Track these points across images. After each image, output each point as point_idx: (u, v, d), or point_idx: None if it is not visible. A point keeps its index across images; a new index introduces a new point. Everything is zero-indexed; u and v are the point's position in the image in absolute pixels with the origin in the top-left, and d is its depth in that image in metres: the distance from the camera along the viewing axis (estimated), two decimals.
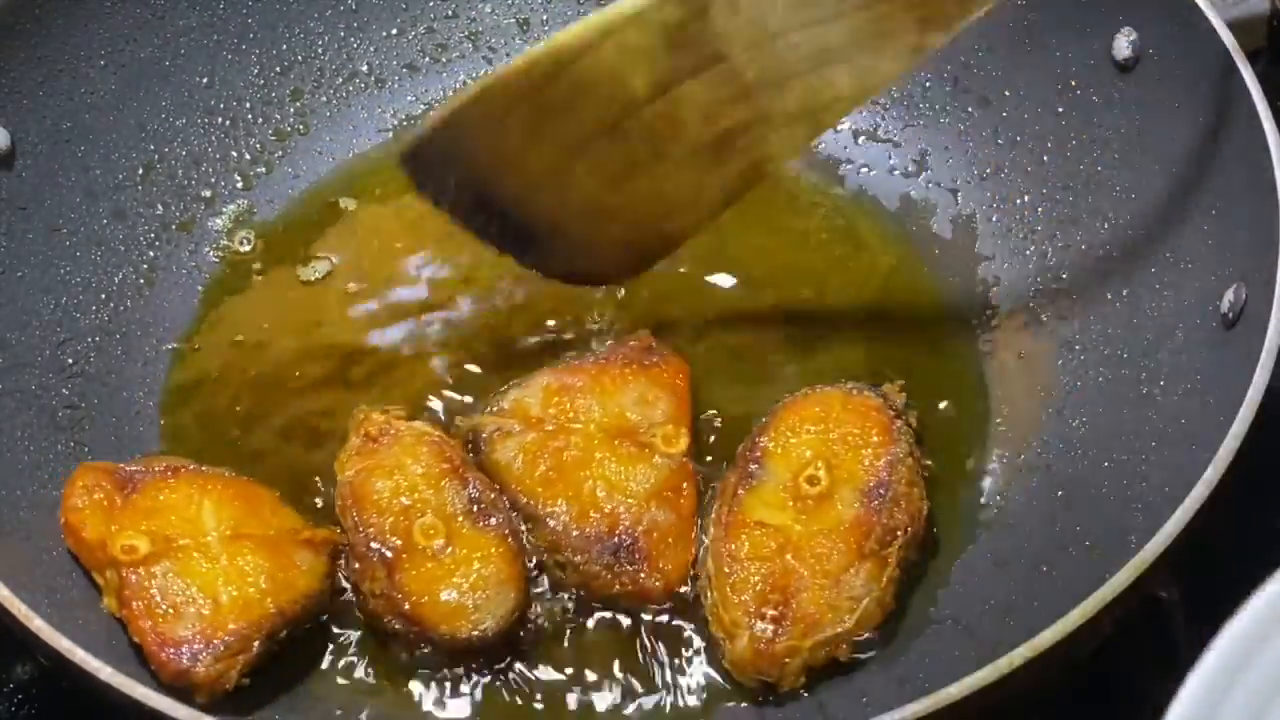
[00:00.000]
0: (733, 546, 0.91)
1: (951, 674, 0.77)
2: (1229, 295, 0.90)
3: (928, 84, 1.14)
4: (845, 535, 0.91)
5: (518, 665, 0.92)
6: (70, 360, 1.03)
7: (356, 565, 0.93)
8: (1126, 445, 0.94)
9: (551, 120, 0.93)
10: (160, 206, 1.12)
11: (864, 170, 1.15)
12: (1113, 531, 0.89)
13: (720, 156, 0.94)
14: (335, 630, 0.94)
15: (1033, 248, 1.08)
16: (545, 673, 0.92)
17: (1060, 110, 1.07)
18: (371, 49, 1.20)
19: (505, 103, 0.92)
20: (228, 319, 1.09)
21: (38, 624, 0.79)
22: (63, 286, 1.05)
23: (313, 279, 1.11)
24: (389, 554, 0.91)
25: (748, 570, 0.90)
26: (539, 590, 0.94)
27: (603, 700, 0.92)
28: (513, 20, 1.22)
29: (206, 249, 1.12)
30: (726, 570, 0.91)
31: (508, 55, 1.21)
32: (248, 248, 1.12)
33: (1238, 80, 0.93)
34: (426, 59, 1.21)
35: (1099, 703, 0.92)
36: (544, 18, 1.22)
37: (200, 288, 1.10)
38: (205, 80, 1.15)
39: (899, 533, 0.91)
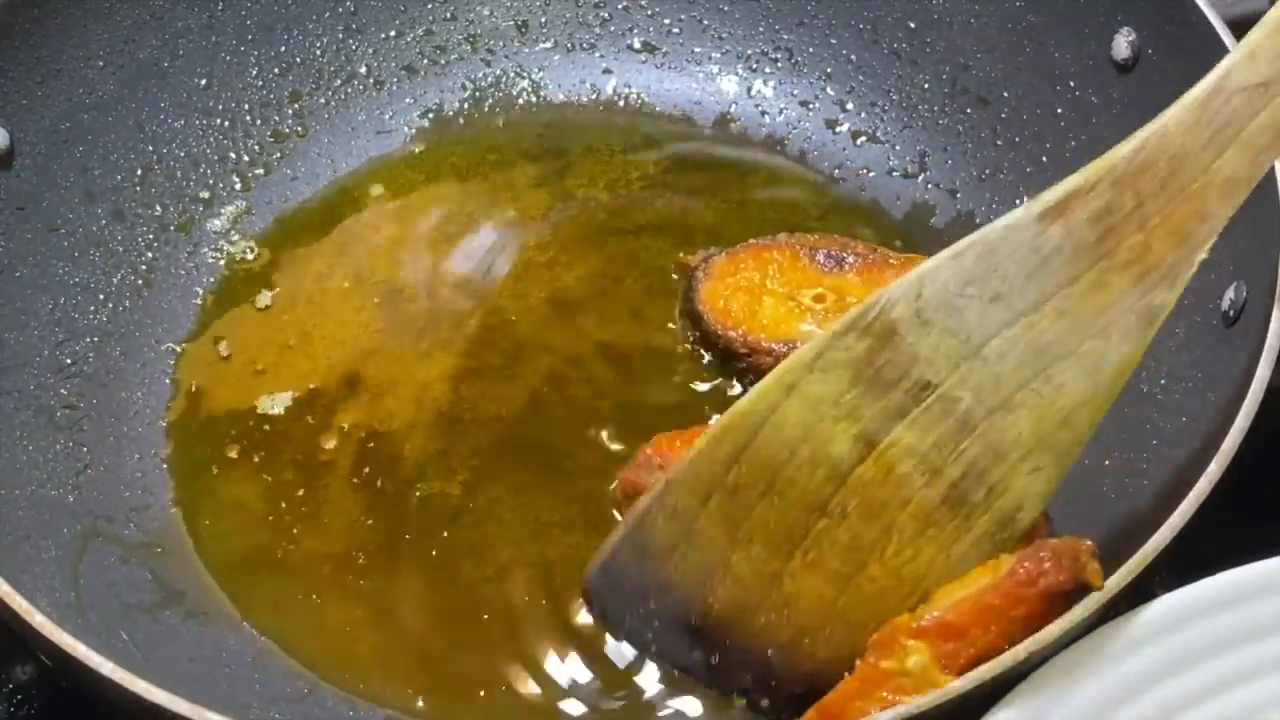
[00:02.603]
0: None
1: None
2: (1229, 293, 0.90)
3: (926, 85, 1.14)
4: None
5: None
6: (69, 360, 1.03)
7: None
8: (1126, 445, 0.94)
9: (750, 511, 0.80)
10: (159, 207, 1.12)
11: (863, 172, 1.15)
12: (1113, 531, 0.89)
13: (957, 519, 0.79)
14: None
15: None
16: None
17: (1060, 110, 1.07)
18: (370, 51, 1.20)
19: (694, 496, 0.80)
20: (225, 322, 1.09)
21: (39, 619, 0.79)
22: (61, 287, 1.05)
23: (312, 281, 1.11)
24: None
25: None
26: None
27: None
28: (511, 23, 1.22)
29: (205, 250, 1.12)
30: None
31: (506, 58, 1.21)
32: (248, 253, 1.12)
33: None
34: (425, 61, 1.21)
35: None
36: (542, 20, 1.22)
37: (199, 289, 1.10)
38: (204, 82, 1.14)
39: None
